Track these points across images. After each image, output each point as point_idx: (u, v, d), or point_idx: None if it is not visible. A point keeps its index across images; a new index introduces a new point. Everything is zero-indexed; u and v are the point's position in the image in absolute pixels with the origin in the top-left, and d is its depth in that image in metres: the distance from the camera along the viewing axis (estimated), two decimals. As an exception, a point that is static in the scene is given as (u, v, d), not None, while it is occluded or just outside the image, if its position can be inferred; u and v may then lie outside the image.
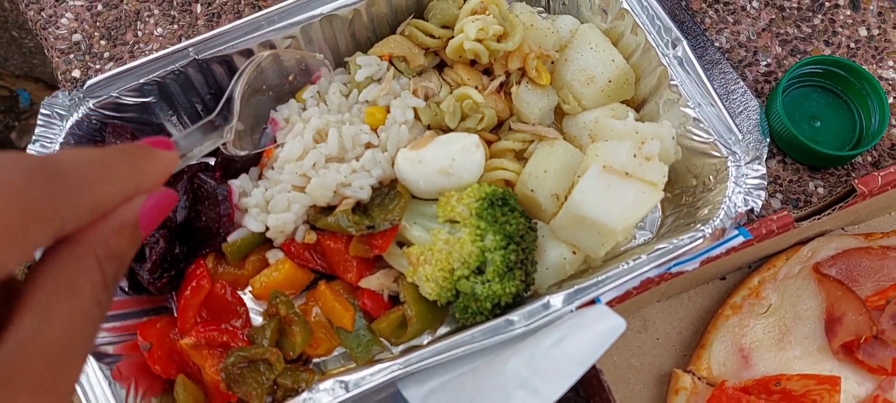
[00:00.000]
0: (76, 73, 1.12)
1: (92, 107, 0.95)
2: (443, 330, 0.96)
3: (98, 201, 0.41)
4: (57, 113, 0.95)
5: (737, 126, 0.93)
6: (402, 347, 0.93)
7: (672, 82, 0.95)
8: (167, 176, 0.49)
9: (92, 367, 0.86)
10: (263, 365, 0.88)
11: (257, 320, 0.98)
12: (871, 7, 1.17)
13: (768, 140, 0.94)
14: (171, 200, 0.48)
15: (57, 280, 0.38)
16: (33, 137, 0.94)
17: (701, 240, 0.86)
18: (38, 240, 0.37)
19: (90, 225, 0.41)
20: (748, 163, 0.90)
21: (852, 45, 1.15)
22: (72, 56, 1.13)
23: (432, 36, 1.01)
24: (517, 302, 0.88)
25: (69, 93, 0.95)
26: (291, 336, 0.90)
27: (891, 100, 1.11)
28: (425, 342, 0.93)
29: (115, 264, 0.42)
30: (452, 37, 0.99)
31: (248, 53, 0.99)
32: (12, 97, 2.44)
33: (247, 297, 0.98)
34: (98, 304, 0.39)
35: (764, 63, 1.14)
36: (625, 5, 0.99)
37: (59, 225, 0.38)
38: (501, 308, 0.86)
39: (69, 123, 0.95)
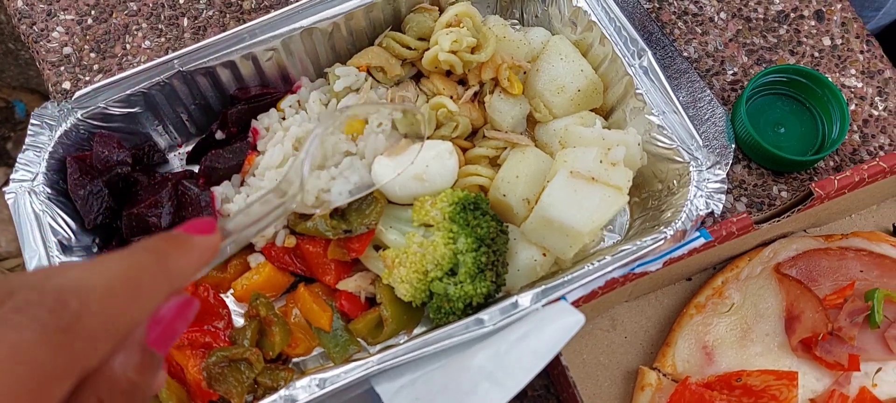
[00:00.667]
0: (67, 85, 1.16)
1: (80, 117, 0.99)
2: (418, 330, 0.99)
3: (122, 333, 0.37)
4: (46, 123, 0.99)
5: (700, 133, 0.97)
6: (378, 347, 0.97)
7: (638, 91, 0.99)
8: (205, 266, 0.43)
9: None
10: (244, 365, 0.91)
11: (239, 321, 1.01)
12: (835, 18, 1.22)
13: (733, 146, 0.98)
14: (187, 310, 0.42)
15: None
16: (24, 146, 0.98)
17: (663, 242, 0.90)
18: (56, 399, 0.34)
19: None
20: (709, 167, 0.94)
21: (816, 54, 1.19)
22: (62, 68, 1.17)
23: (409, 47, 1.05)
24: (488, 301, 0.91)
25: (58, 104, 0.99)
26: (271, 337, 0.93)
27: (852, 107, 1.15)
28: (401, 342, 0.97)
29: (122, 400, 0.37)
30: (428, 48, 1.04)
31: (231, 65, 1.03)
32: (8, 108, 2.48)
33: (229, 299, 1.02)
34: None
35: (730, 72, 1.18)
36: (593, 18, 1.03)
37: (79, 375, 0.35)
38: (473, 308, 0.90)
39: (58, 133, 0.98)
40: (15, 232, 2.26)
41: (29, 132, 0.98)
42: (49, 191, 0.97)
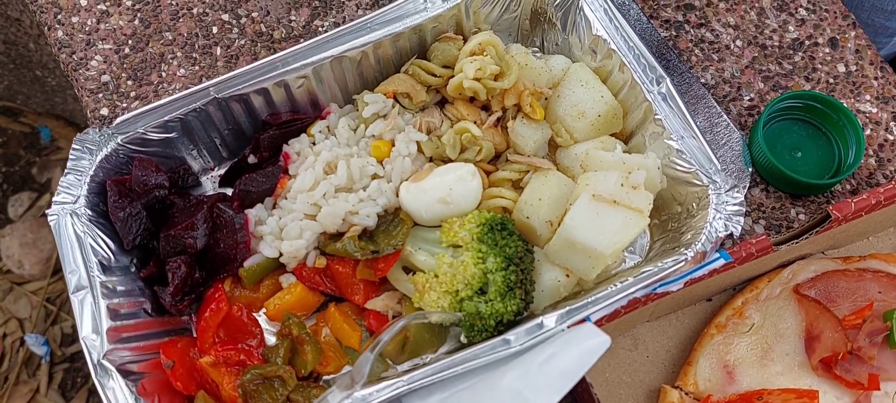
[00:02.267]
0: (104, 111, 1.21)
1: (120, 142, 1.03)
2: (443, 349, 1.02)
3: None
4: (87, 147, 1.03)
5: (718, 157, 1.00)
6: (406, 365, 1.00)
7: (657, 116, 1.02)
8: None
9: (119, 383, 0.93)
10: (277, 382, 0.94)
11: (271, 340, 1.04)
12: (849, 45, 1.24)
13: (751, 170, 1.00)
14: None
15: None
16: (66, 170, 1.02)
17: (684, 263, 0.92)
18: None
19: None
20: (728, 190, 0.97)
21: (831, 80, 1.22)
22: (100, 95, 1.22)
23: (434, 75, 1.09)
24: (517, 319, 0.94)
25: (99, 130, 1.03)
26: (303, 355, 0.96)
27: (868, 132, 1.18)
28: (429, 362, 1.00)
29: None
30: (453, 75, 1.07)
31: (264, 92, 1.07)
32: (34, 134, 2.53)
33: (261, 318, 1.05)
34: None
35: (747, 98, 1.21)
36: (613, 46, 1.07)
37: None
38: (504, 325, 0.93)
39: (99, 157, 1.02)
40: (38, 256, 2.30)
41: (71, 156, 1.02)
42: (90, 213, 1.00)
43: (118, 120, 1.03)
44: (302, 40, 1.06)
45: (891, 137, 1.17)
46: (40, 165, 2.49)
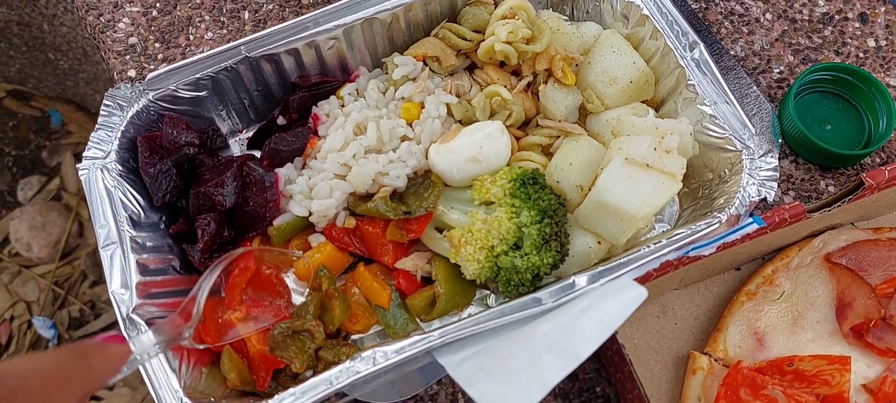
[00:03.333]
0: (132, 73, 1.21)
1: (151, 99, 1.03)
2: (472, 310, 1.02)
3: None
4: (119, 103, 1.03)
5: (751, 123, 0.99)
6: (435, 323, 1.00)
7: (689, 82, 1.02)
8: (119, 370, 0.54)
9: (149, 338, 0.93)
10: (306, 336, 0.94)
11: (298, 300, 1.04)
12: (879, 19, 1.24)
13: (780, 141, 1.00)
14: None
15: None
16: (97, 125, 1.02)
17: (717, 226, 0.92)
18: None
19: None
20: (761, 156, 0.96)
21: (861, 54, 1.21)
22: (128, 57, 1.22)
23: (465, 39, 1.08)
24: (553, 273, 0.94)
25: (131, 85, 1.03)
26: (332, 310, 0.96)
27: (898, 105, 1.17)
28: (454, 320, 0.99)
29: None
30: (483, 40, 1.07)
31: (294, 53, 1.07)
32: (44, 117, 2.53)
33: (289, 280, 1.05)
34: None
35: (777, 71, 1.20)
36: (645, 11, 1.06)
37: None
38: (540, 279, 0.92)
39: (130, 113, 1.02)
40: (47, 239, 2.30)
41: (102, 112, 1.02)
42: (120, 168, 1.00)
43: (150, 75, 1.03)
44: (331, 4, 1.06)
45: (921, 111, 1.17)
46: (50, 149, 2.49)
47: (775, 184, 0.95)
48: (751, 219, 0.94)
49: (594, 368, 1.03)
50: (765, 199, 0.94)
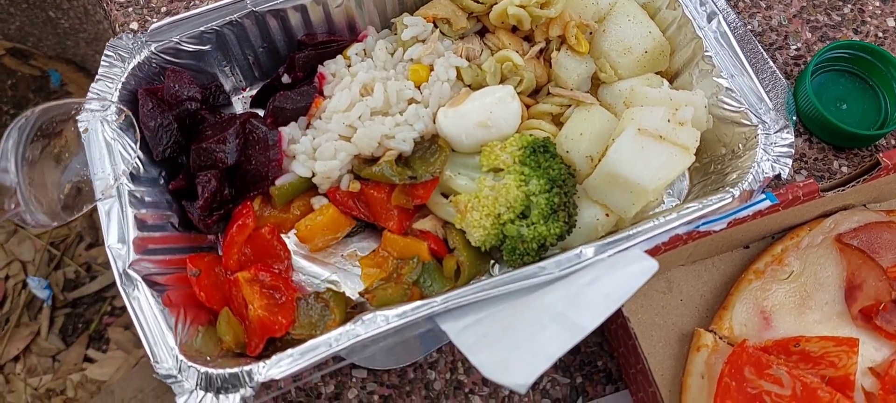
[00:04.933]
0: (134, 25, 1.18)
1: (154, 50, 1.00)
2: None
3: None
4: (120, 54, 1.00)
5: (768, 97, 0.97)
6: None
7: (706, 53, 0.99)
8: None
9: (144, 293, 0.91)
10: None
11: (300, 263, 1.02)
12: (900, -1, 1.21)
13: (795, 119, 0.97)
14: None
15: None
16: (97, 76, 0.99)
17: (729, 200, 0.90)
18: None
19: None
20: (777, 131, 0.94)
21: (880, 34, 1.19)
22: (130, 8, 1.19)
23: (477, 1, 1.06)
24: (559, 244, 0.92)
25: (133, 36, 1.00)
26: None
27: (916, 87, 1.15)
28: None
29: None
30: (496, 3, 1.04)
31: (302, 9, 1.04)
32: (43, 77, 2.49)
33: (290, 241, 1.03)
34: None
35: (794, 47, 1.18)
36: (663, -20, 1.03)
37: None
38: (546, 249, 0.91)
39: (131, 65, 1.00)
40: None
41: (102, 63, 1.00)
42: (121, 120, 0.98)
43: (152, 27, 1.00)
44: (341, -38, 1.03)
45: (940, 95, 1.14)
46: (49, 110, 2.47)
47: (790, 161, 0.93)
48: (763, 196, 0.92)
49: (596, 342, 1.02)
50: (778, 176, 0.92)
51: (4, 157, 0.80)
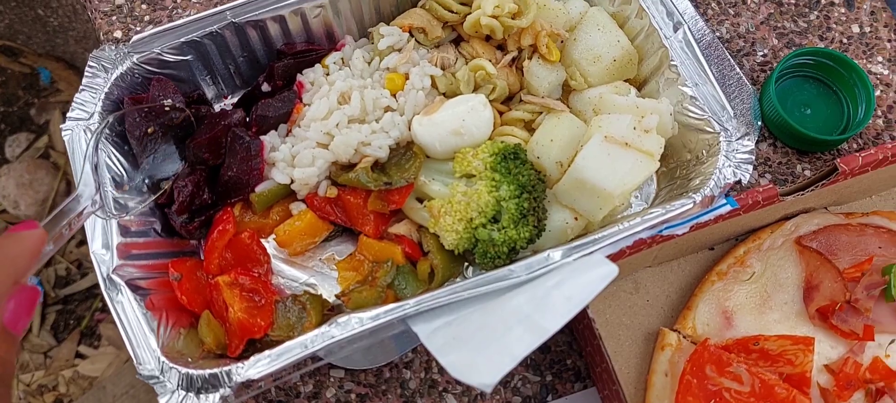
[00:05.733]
0: (118, 34, 1.21)
1: (136, 61, 1.03)
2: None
3: None
4: (103, 65, 1.03)
5: (731, 106, 1.00)
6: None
7: (672, 62, 1.03)
8: (39, 252, 0.55)
9: (127, 297, 0.94)
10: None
11: (279, 266, 1.06)
12: (865, 6, 1.24)
13: (760, 124, 1.01)
14: (34, 295, 0.54)
15: None
16: (81, 86, 1.02)
17: (691, 206, 0.93)
18: None
19: None
20: (738, 138, 0.98)
21: (845, 40, 1.22)
22: (114, 18, 1.22)
23: (451, 11, 1.09)
24: (529, 247, 0.96)
25: (116, 47, 1.03)
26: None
27: (878, 93, 1.19)
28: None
29: None
30: (470, 13, 1.07)
31: (280, 19, 1.07)
32: (33, 74, 2.51)
33: (270, 246, 1.06)
34: None
35: (761, 54, 1.21)
36: (631, -10, 1.07)
37: None
38: (516, 252, 0.94)
39: (114, 75, 1.02)
40: (34, 196, 2.29)
41: (86, 73, 1.02)
42: (104, 130, 1.01)
43: (135, 38, 1.03)
44: (319, -29, 1.06)
45: (900, 99, 1.18)
46: (39, 106, 2.47)
47: (751, 167, 0.96)
48: (725, 201, 0.95)
49: (566, 341, 1.06)
50: (740, 181, 0.96)
51: (87, 167, 0.89)
